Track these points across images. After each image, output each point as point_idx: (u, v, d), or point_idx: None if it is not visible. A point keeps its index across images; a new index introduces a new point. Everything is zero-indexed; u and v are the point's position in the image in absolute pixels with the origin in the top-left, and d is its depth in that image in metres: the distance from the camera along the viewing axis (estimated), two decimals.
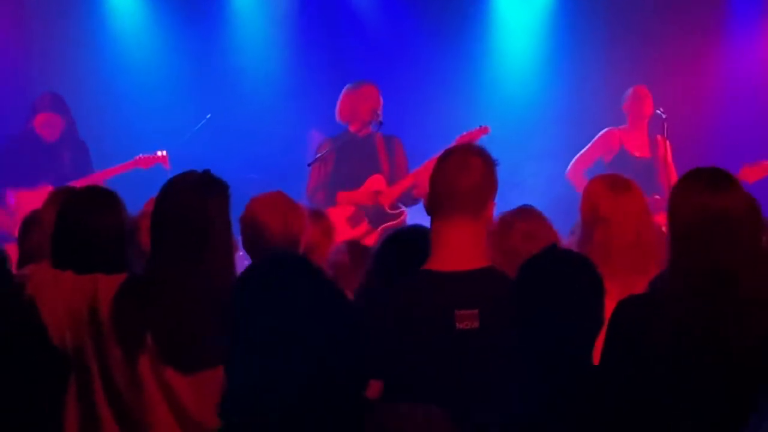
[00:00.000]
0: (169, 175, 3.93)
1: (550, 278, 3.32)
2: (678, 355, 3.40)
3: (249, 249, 4.46)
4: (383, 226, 8.17)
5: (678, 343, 3.40)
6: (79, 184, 7.61)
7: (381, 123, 8.35)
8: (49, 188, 7.94)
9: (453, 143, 7.59)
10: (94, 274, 3.77)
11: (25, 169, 8.60)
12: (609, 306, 3.45)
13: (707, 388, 3.38)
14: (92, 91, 10.07)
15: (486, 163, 3.74)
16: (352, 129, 8.44)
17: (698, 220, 3.47)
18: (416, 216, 7.12)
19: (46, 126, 8.77)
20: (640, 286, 3.89)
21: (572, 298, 3.29)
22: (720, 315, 3.40)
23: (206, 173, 3.82)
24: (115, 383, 3.66)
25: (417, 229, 4.08)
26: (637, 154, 8.81)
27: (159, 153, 8.83)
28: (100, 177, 8.53)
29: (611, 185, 4.64)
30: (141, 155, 8.77)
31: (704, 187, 3.52)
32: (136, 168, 8.74)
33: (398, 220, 8.29)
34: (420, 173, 8.10)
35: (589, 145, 8.97)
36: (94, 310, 3.69)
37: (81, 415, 3.71)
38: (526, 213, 4.59)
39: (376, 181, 8.37)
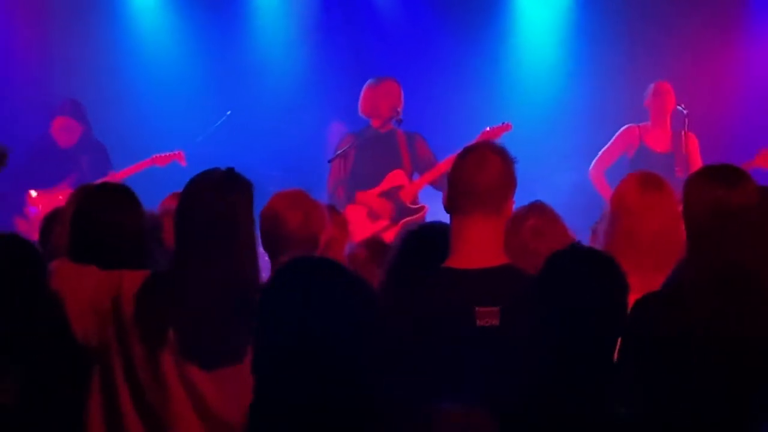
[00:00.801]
0: (185, 172, 3.91)
1: (572, 277, 3.31)
2: (685, 353, 3.37)
3: (267, 246, 4.44)
4: (404, 220, 8.18)
5: (686, 341, 3.38)
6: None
7: (401, 120, 8.35)
8: (68, 188, 8.02)
9: (476, 139, 7.60)
10: (119, 270, 3.77)
11: (43, 175, 8.63)
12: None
13: (710, 387, 3.36)
14: (113, 91, 10.11)
15: (505, 160, 3.72)
16: (373, 124, 8.46)
17: (710, 216, 3.46)
18: (438, 212, 7.11)
19: (63, 131, 8.81)
20: (657, 285, 3.88)
21: (594, 297, 3.29)
22: (729, 313, 3.38)
23: (230, 171, 3.81)
24: (138, 378, 3.66)
25: (437, 226, 4.07)
26: (657, 149, 8.81)
27: (175, 151, 8.85)
28: (117, 177, 8.56)
29: (642, 181, 4.61)
30: (157, 154, 8.80)
31: (716, 183, 3.51)
32: (153, 166, 8.77)
33: (419, 215, 8.30)
34: (444, 167, 8.10)
35: (609, 143, 8.98)
36: (117, 306, 3.69)
37: (104, 410, 3.71)
38: (536, 209, 4.57)
39: (396, 176, 8.38)
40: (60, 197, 8.21)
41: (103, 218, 3.94)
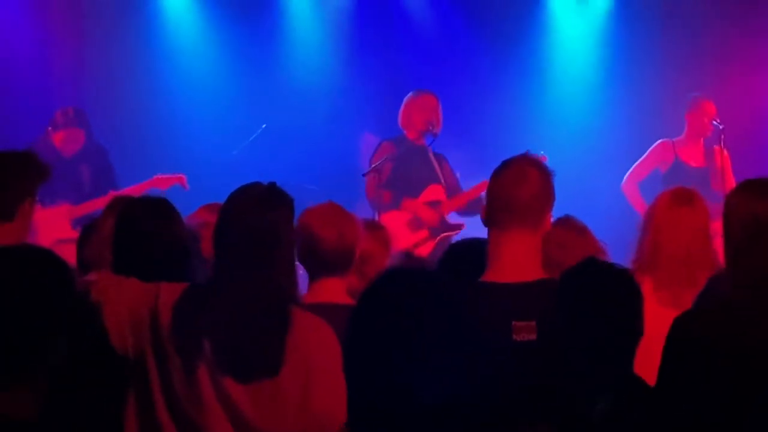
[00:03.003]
0: (187, 195, 3.89)
1: (583, 291, 3.33)
2: (726, 370, 3.35)
3: (303, 260, 4.46)
4: (442, 235, 8.18)
5: (726, 357, 3.35)
6: (96, 205, 7.62)
7: (436, 135, 8.35)
8: (67, 206, 8.08)
9: None
10: (157, 282, 3.78)
11: (46, 187, 8.58)
12: (658, 312, 3.43)
13: (741, 401, 3.33)
14: (149, 103, 10.15)
15: (543, 174, 3.73)
16: (408, 136, 8.45)
17: (747, 230, 3.43)
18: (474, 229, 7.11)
19: (69, 142, 8.76)
20: (688, 298, 3.86)
21: (606, 310, 3.30)
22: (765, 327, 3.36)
23: (272, 186, 3.81)
24: (174, 390, 3.66)
25: (480, 243, 4.06)
26: (692, 163, 8.78)
27: (178, 174, 8.79)
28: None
29: (673, 196, 4.61)
30: (159, 175, 8.72)
31: (754, 197, 3.49)
32: (154, 188, 8.71)
33: (457, 231, 8.28)
34: (474, 194, 8.14)
35: (643, 157, 8.97)
36: (154, 317, 3.70)
37: (140, 421, 3.72)
38: (561, 222, 4.56)
39: (435, 191, 8.37)
40: (60, 215, 8.27)
41: (145, 230, 3.95)
